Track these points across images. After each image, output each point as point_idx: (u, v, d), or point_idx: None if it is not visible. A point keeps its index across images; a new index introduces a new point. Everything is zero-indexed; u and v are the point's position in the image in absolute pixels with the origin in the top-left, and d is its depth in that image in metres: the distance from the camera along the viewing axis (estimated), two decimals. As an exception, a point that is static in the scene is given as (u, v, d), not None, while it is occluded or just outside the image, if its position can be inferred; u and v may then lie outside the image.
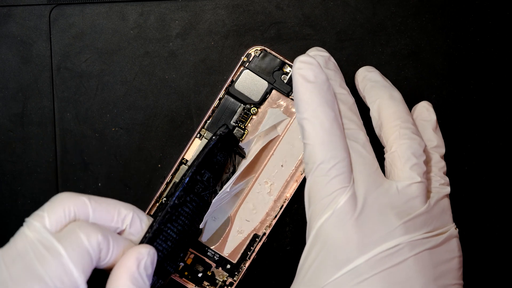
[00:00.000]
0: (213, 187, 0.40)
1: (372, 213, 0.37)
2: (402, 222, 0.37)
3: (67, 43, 0.47)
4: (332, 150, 0.37)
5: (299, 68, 0.38)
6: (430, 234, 0.37)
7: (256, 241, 0.45)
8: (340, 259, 0.36)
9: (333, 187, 0.37)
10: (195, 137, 0.45)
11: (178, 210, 0.38)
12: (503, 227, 0.47)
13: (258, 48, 0.46)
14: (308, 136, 0.38)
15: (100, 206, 0.37)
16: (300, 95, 0.38)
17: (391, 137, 0.39)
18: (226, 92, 0.46)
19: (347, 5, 0.47)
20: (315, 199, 0.37)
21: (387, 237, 0.36)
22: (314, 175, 0.37)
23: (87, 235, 0.34)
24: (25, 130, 0.46)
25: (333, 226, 0.37)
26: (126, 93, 0.47)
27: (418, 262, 0.36)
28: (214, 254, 0.45)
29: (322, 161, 0.37)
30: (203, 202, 0.39)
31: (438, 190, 0.40)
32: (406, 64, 0.47)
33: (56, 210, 0.36)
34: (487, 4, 0.47)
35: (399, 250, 0.36)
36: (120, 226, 0.37)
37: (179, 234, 0.39)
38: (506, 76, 0.47)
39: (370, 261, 0.36)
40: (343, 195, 0.37)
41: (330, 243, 0.37)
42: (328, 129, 0.37)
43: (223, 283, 0.45)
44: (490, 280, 0.46)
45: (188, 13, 0.47)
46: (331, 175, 0.37)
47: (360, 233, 0.36)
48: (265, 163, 0.45)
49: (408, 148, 0.39)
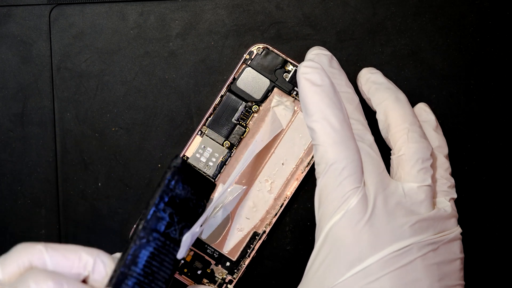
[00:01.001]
0: (178, 223, 0.39)
1: (382, 214, 0.37)
2: (411, 223, 0.37)
3: (67, 43, 0.47)
4: (344, 151, 0.37)
5: (305, 72, 0.39)
6: (436, 236, 0.38)
7: (256, 239, 0.45)
8: (352, 258, 0.36)
9: (346, 188, 0.37)
10: (196, 134, 0.46)
11: (142, 251, 0.37)
12: (503, 227, 0.47)
13: (260, 46, 0.46)
14: (319, 138, 0.38)
15: (57, 252, 0.35)
16: (308, 98, 0.38)
17: (399, 140, 0.40)
18: (227, 89, 0.46)
19: (347, 5, 0.47)
20: (327, 199, 0.38)
21: (396, 238, 0.37)
22: (326, 175, 0.38)
23: (37, 282, 0.33)
24: (25, 130, 0.46)
25: (345, 227, 0.37)
26: (126, 93, 0.47)
27: (425, 263, 0.37)
28: (213, 251, 0.45)
29: (335, 161, 0.37)
30: (170, 240, 0.38)
31: (445, 193, 0.41)
32: (406, 64, 0.47)
33: (10, 261, 0.35)
34: (487, 4, 0.47)
35: (408, 251, 0.37)
36: (83, 272, 0.35)
37: (147, 276, 0.37)
38: (506, 76, 0.47)
39: (381, 261, 0.36)
40: (355, 196, 0.37)
41: (341, 243, 0.37)
42: (339, 130, 0.38)
43: (223, 281, 0.45)
44: (490, 280, 0.46)
45: (188, 13, 0.47)
46: (344, 175, 0.37)
47: (371, 234, 0.37)
48: (266, 161, 0.46)
49: (416, 152, 0.39)
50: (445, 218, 0.39)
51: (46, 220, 0.46)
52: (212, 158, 0.46)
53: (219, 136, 0.46)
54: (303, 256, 0.46)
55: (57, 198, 0.46)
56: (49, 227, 0.46)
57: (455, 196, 0.41)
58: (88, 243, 0.46)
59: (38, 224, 0.46)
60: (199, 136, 0.46)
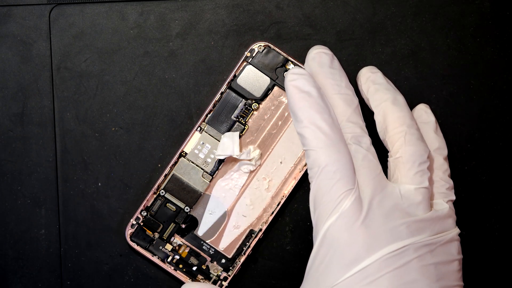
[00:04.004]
0: None
1: (377, 215, 0.37)
2: (407, 225, 0.37)
3: (67, 43, 0.47)
4: (335, 153, 0.38)
5: (292, 79, 0.39)
6: (432, 237, 0.38)
7: (252, 236, 0.45)
8: (348, 260, 0.37)
9: (339, 190, 0.37)
10: (195, 130, 0.46)
11: None
12: (503, 227, 0.47)
13: (261, 44, 0.46)
14: (310, 143, 0.38)
15: None
16: (296, 104, 0.39)
17: (396, 143, 0.40)
18: (228, 86, 0.46)
19: (347, 5, 0.47)
20: (321, 202, 0.38)
21: (393, 239, 0.37)
22: (319, 178, 0.38)
23: None
24: (25, 130, 0.46)
25: (340, 228, 0.37)
26: (126, 93, 0.47)
27: (422, 263, 0.37)
28: (209, 248, 0.45)
29: (327, 164, 0.38)
30: None
31: (443, 195, 0.41)
32: (406, 64, 0.46)
33: None
34: (487, 4, 0.47)
35: (404, 252, 0.37)
36: None
37: None
38: (506, 76, 0.47)
39: (378, 262, 0.36)
40: (349, 198, 0.37)
41: (337, 245, 0.37)
42: (329, 134, 0.38)
43: (217, 277, 0.45)
44: (490, 280, 0.46)
45: (188, 13, 0.47)
46: (336, 178, 0.37)
47: (367, 235, 0.37)
48: (264, 159, 0.46)
49: (413, 154, 0.39)
50: (443, 219, 0.39)
51: (46, 220, 0.46)
52: (210, 154, 0.46)
53: (218, 133, 0.46)
54: (303, 256, 0.46)
55: (57, 198, 0.46)
56: (49, 227, 0.46)
57: (453, 198, 0.41)
58: (88, 243, 0.46)
59: (38, 224, 0.46)
60: (198, 132, 0.46)
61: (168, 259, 0.45)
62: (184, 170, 0.46)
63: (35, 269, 0.46)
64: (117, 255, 0.46)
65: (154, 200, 0.46)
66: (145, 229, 0.45)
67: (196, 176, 0.46)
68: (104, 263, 0.46)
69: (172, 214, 0.46)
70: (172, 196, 0.46)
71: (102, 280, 0.46)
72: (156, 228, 0.45)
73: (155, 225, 0.45)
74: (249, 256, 0.45)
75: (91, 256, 0.46)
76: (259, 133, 0.46)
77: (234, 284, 0.46)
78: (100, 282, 0.46)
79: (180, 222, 0.46)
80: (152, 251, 0.45)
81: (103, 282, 0.46)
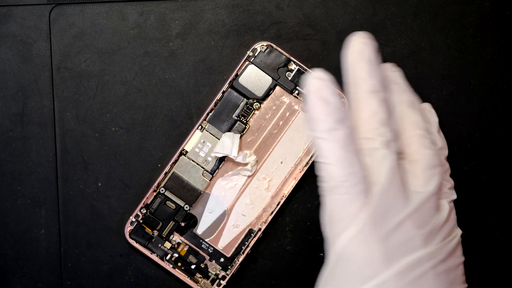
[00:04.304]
0: None
1: (393, 226, 0.37)
2: (421, 233, 0.37)
3: (67, 43, 0.47)
4: (350, 167, 0.37)
5: (314, 85, 0.37)
6: (443, 244, 0.38)
7: (251, 236, 0.45)
8: (366, 273, 0.36)
9: (355, 204, 0.37)
10: (196, 129, 0.46)
11: None
12: (503, 227, 0.47)
13: (264, 44, 0.46)
14: (326, 155, 0.37)
15: None
16: (315, 114, 0.37)
17: (412, 146, 0.39)
18: (229, 85, 0.46)
19: (347, 5, 0.47)
20: (335, 216, 0.37)
21: (409, 250, 0.37)
22: (334, 192, 0.37)
23: None
24: (25, 130, 0.46)
25: (356, 242, 0.37)
26: (126, 93, 0.47)
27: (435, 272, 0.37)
28: (208, 246, 0.46)
29: (342, 178, 0.37)
30: None
31: (446, 195, 0.41)
32: (406, 64, 0.47)
33: None
34: (487, 4, 0.47)
35: (420, 261, 0.37)
36: None
37: None
38: (506, 76, 0.47)
39: (395, 275, 0.36)
40: (365, 211, 0.37)
41: (354, 259, 0.37)
42: (345, 147, 0.37)
43: (216, 276, 0.45)
44: (490, 280, 0.46)
45: (188, 13, 0.47)
46: (351, 192, 0.37)
47: (384, 247, 0.37)
48: (264, 159, 0.46)
49: (428, 159, 0.39)
50: (448, 222, 0.39)
51: (46, 220, 0.46)
52: (211, 153, 0.46)
53: (219, 132, 0.46)
54: (303, 256, 0.46)
55: (57, 198, 0.46)
56: (49, 227, 0.46)
57: (455, 197, 0.41)
58: (88, 243, 0.46)
59: (38, 224, 0.46)
60: (199, 131, 0.46)
61: (167, 257, 0.45)
62: (185, 168, 0.46)
63: (35, 269, 0.46)
64: (117, 255, 0.46)
65: (154, 198, 0.46)
66: (145, 226, 0.45)
67: (196, 175, 0.46)
68: (104, 263, 0.46)
69: (171, 212, 0.46)
70: (172, 194, 0.46)
71: (102, 280, 0.46)
72: (155, 225, 0.46)
73: (154, 222, 0.46)
74: (248, 255, 0.45)
75: (91, 256, 0.46)
76: (260, 132, 0.46)
77: (234, 284, 0.46)
78: (100, 282, 0.46)
79: (179, 220, 0.46)
80: (151, 248, 0.46)
81: (103, 282, 0.46)
